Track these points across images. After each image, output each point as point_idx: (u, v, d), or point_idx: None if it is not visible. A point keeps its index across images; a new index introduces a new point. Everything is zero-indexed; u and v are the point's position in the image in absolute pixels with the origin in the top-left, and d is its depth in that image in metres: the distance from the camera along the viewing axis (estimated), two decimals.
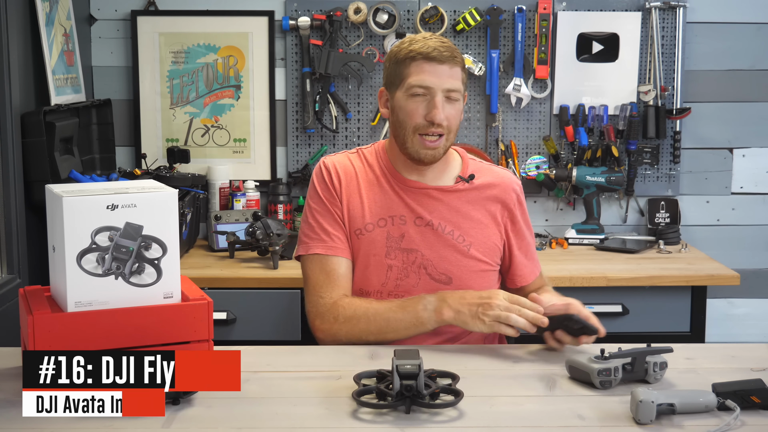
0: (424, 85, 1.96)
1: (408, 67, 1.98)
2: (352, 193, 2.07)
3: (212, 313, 1.70)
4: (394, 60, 2.02)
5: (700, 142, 3.40)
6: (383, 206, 2.06)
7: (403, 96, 1.99)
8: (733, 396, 1.53)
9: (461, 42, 3.31)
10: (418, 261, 2.04)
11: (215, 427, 1.50)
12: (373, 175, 2.09)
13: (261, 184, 3.37)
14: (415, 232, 2.05)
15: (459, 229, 2.06)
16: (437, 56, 1.96)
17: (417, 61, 1.97)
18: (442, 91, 1.97)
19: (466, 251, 2.05)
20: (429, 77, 1.96)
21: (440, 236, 2.05)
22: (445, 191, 2.07)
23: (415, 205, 2.06)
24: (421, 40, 1.99)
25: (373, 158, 2.11)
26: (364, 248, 2.06)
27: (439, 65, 1.96)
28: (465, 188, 2.09)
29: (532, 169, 3.34)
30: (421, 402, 1.53)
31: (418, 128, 1.98)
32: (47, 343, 1.59)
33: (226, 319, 2.76)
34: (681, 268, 2.92)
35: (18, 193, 2.54)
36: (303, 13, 3.28)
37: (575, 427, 1.51)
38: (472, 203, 2.08)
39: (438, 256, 2.05)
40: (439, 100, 1.96)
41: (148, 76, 3.32)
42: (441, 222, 2.05)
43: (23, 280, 2.55)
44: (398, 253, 2.04)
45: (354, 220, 2.06)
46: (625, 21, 3.30)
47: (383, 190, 2.07)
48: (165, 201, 1.66)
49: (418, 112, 1.97)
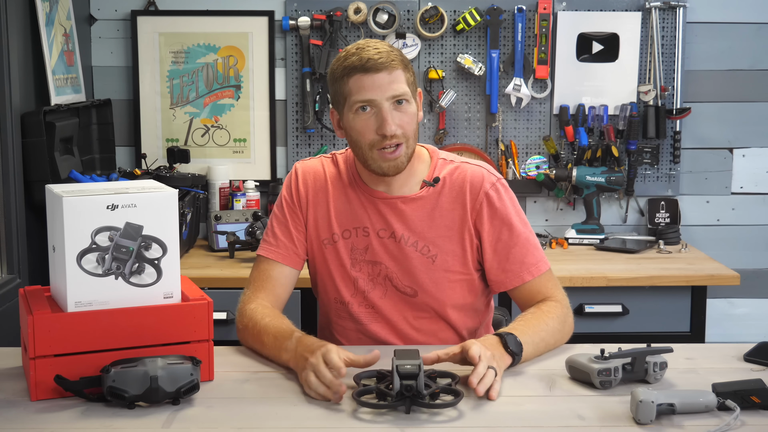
0: (367, 98, 1.85)
1: (347, 84, 1.87)
2: (320, 201, 2.01)
3: (212, 313, 1.71)
4: (332, 78, 1.92)
5: (700, 142, 3.40)
6: (348, 217, 1.99)
7: (351, 115, 1.89)
8: (733, 396, 1.53)
9: (461, 42, 3.31)
10: (383, 273, 1.98)
11: (215, 427, 1.50)
12: (341, 184, 2.02)
13: (261, 184, 3.37)
14: (378, 244, 1.98)
15: (423, 239, 1.96)
16: (372, 66, 1.84)
17: (354, 77, 1.86)
18: (387, 100, 1.86)
19: (431, 262, 1.97)
20: (369, 91, 1.85)
21: (403, 248, 1.97)
22: (408, 200, 1.97)
23: (377, 217, 1.98)
24: (354, 53, 1.87)
25: (344, 166, 2.03)
26: (332, 259, 2.01)
27: (377, 74, 1.85)
28: (430, 194, 1.97)
29: (532, 169, 3.34)
30: (421, 402, 1.53)
31: (374, 144, 1.87)
32: (47, 343, 1.59)
33: (226, 319, 2.76)
34: (681, 268, 2.92)
35: (18, 193, 2.54)
36: (303, 13, 3.28)
37: (575, 427, 1.51)
38: (439, 209, 1.96)
39: (402, 269, 1.97)
40: (387, 110, 1.85)
41: (148, 76, 3.32)
42: (404, 233, 1.97)
43: (23, 280, 2.55)
44: (363, 265, 1.99)
45: (321, 229, 2.01)
46: (625, 21, 3.30)
47: (349, 201, 2.00)
48: (165, 201, 1.66)
49: (368, 128, 1.87)
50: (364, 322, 2.01)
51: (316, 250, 2.02)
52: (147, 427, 1.50)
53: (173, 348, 1.66)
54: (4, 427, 1.50)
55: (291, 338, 1.77)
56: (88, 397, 1.58)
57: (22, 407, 1.57)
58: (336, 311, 2.03)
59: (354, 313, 2.01)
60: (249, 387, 1.69)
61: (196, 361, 1.60)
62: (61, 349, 1.60)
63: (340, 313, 2.03)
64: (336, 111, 1.96)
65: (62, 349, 1.60)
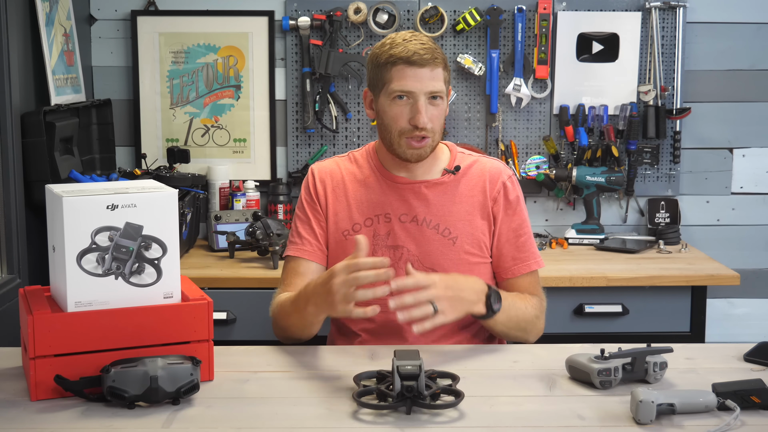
0: (406, 90, 1.95)
1: (389, 71, 1.96)
2: (338, 197, 2.09)
3: (212, 313, 1.71)
4: (375, 63, 2.01)
5: (700, 142, 3.40)
6: (369, 206, 2.07)
7: (386, 100, 1.98)
8: (733, 396, 1.54)
9: (461, 42, 3.31)
10: (404, 257, 2.04)
11: (215, 427, 1.50)
12: (362, 175, 2.10)
13: (261, 184, 3.37)
14: (400, 228, 2.05)
15: (445, 222, 2.05)
16: (418, 60, 1.94)
17: (398, 66, 1.95)
18: (425, 94, 1.96)
19: (452, 244, 2.05)
20: (410, 82, 1.95)
21: (425, 230, 2.05)
22: (431, 185, 2.07)
23: (400, 202, 2.06)
24: (401, 44, 1.96)
25: (364, 159, 2.12)
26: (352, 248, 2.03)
27: (420, 69, 1.94)
28: (451, 180, 2.07)
29: (532, 169, 3.34)
30: (421, 403, 1.53)
31: (404, 132, 1.98)
32: (47, 343, 1.59)
33: (226, 319, 2.76)
34: (681, 268, 2.92)
35: (18, 193, 2.54)
36: (303, 13, 3.28)
37: (575, 427, 1.51)
38: (459, 195, 2.07)
39: (424, 251, 2.04)
40: (422, 104, 1.95)
41: (148, 76, 3.32)
42: (426, 216, 2.05)
43: (23, 280, 2.55)
44: (385, 251, 2.05)
45: (341, 222, 2.08)
46: (625, 21, 3.30)
47: (370, 190, 2.08)
48: (165, 201, 1.66)
49: (402, 116, 1.97)
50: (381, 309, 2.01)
51: (337, 242, 2.09)
52: (147, 427, 1.50)
53: (173, 348, 1.66)
54: (4, 427, 1.50)
55: (305, 291, 1.85)
56: (88, 397, 1.58)
57: (22, 407, 1.57)
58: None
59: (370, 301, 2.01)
60: (249, 387, 1.69)
61: (196, 361, 1.60)
62: (61, 349, 1.60)
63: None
64: (371, 92, 2.05)
65: (62, 349, 1.60)
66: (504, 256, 2.08)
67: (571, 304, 2.85)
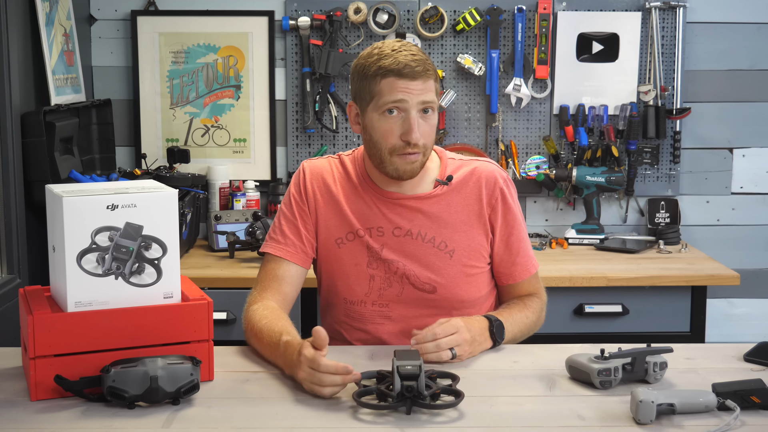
0: (398, 104, 1.84)
1: (378, 84, 1.85)
2: (330, 200, 2.00)
3: (212, 313, 1.71)
4: (361, 74, 1.89)
5: (700, 142, 3.40)
6: (362, 216, 1.98)
7: (375, 115, 1.87)
8: (733, 396, 1.54)
9: (461, 42, 3.31)
10: (399, 271, 1.97)
11: (215, 427, 1.50)
12: (351, 184, 2.00)
13: (261, 184, 3.37)
14: (394, 243, 1.97)
15: (440, 235, 1.97)
16: (409, 72, 1.83)
17: (388, 78, 1.84)
18: (417, 108, 1.85)
19: (449, 257, 1.98)
20: (402, 95, 1.84)
21: (421, 245, 1.97)
22: (424, 198, 1.98)
23: (392, 216, 1.97)
24: (390, 54, 1.85)
25: (352, 167, 2.02)
26: (346, 258, 2.00)
27: (412, 81, 1.83)
28: (444, 192, 1.99)
29: (532, 169, 3.34)
30: (421, 403, 1.53)
31: (395, 150, 1.87)
32: (47, 343, 1.59)
33: (226, 319, 2.76)
34: (681, 268, 2.92)
35: (18, 193, 2.54)
36: (303, 13, 3.28)
37: (575, 427, 1.51)
38: (454, 206, 1.98)
39: (420, 266, 1.97)
40: (414, 118, 1.84)
41: (148, 76, 3.32)
42: (421, 230, 1.97)
43: (23, 280, 2.55)
44: (380, 263, 1.98)
45: (333, 228, 2.00)
46: (625, 21, 3.30)
47: (362, 200, 1.99)
48: (165, 201, 1.66)
49: (393, 132, 1.86)
50: (376, 321, 2.00)
51: (328, 250, 2.01)
52: (147, 427, 1.50)
53: (173, 348, 1.66)
54: (4, 427, 1.50)
55: (279, 345, 1.74)
56: (88, 397, 1.58)
57: (22, 407, 1.57)
58: (345, 311, 2.03)
59: (365, 313, 2.00)
60: (249, 387, 1.69)
61: (196, 361, 1.60)
62: (61, 349, 1.60)
63: (349, 313, 2.02)
64: (357, 105, 1.94)
65: (62, 349, 1.60)
66: (504, 261, 2.03)
67: (571, 304, 2.85)
